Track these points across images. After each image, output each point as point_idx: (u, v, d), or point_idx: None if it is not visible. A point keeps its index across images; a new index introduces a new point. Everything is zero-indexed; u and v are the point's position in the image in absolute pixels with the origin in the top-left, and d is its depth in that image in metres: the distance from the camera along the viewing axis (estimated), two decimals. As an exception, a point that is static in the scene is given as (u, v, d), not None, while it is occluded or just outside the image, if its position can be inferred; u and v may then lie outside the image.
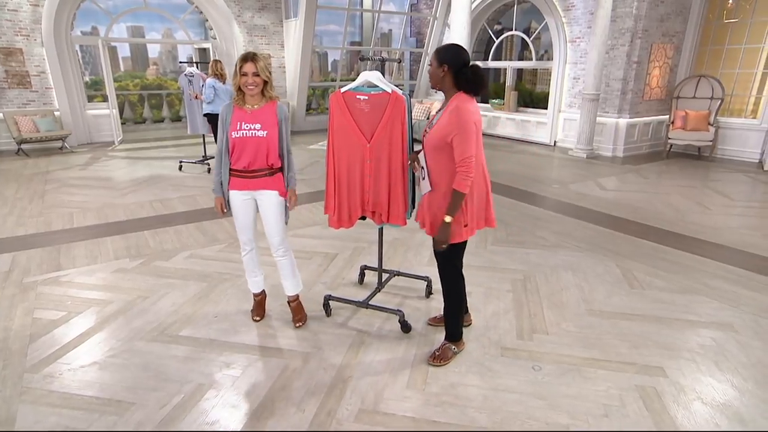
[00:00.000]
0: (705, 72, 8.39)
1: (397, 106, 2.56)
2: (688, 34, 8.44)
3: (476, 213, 2.39)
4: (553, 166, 7.96)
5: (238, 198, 2.68)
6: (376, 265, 3.69)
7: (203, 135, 7.23)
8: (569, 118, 9.10)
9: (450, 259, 2.48)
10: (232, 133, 2.53)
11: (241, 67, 2.44)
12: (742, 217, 5.20)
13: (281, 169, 2.70)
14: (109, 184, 6.41)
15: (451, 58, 2.23)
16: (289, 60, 10.77)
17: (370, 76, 2.57)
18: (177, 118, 11.59)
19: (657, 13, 7.85)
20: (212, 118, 6.41)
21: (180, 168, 7.17)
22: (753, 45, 8.06)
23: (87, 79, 13.21)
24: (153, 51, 14.63)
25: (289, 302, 3.00)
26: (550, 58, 9.83)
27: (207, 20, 10.33)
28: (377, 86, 2.60)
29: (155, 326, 2.94)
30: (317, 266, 3.83)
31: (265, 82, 2.52)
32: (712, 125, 8.04)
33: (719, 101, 8.05)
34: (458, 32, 6.29)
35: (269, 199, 2.70)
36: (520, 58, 11.40)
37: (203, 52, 10.90)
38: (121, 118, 10.17)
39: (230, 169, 2.63)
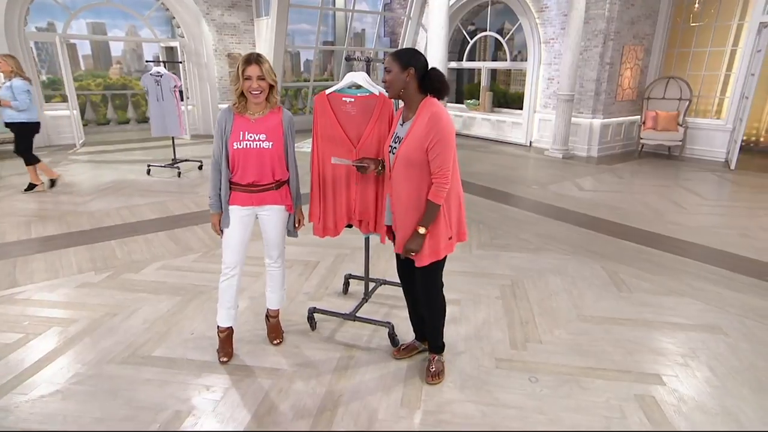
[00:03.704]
0: (673, 74, 8.60)
1: (385, 108, 2.44)
2: (656, 37, 8.63)
3: (457, 225, 2.27)
4: (530, 166, 7.99)
5: (238, 214, 2.42)
6: (360, 273, 3.56)
7: (173, 138, 6.91)
8: (544, 119, 9.17)
9: (437, 274, 2.34)
10: (234, 143, 2.29)
11: (244, 71, 2.20)
12: (716, 216, 5.30)
13: (287, 181, 2.49)
14: (70, 189, 6.03)
15: (416, 60, 2.07)
16: (261, 59, 10.46)
17: (356, 77, 2.43)
18: (143, 120, 11.09)
19: (628, 15, 7.98)
20: (28, 129, 5.58)
21: (148, 172, 6.82)
22: (717, 48, 8.31)
23: (44, 78, 12.52)
24: (116, 49, 13.96)
25: (269, 317, 2.82)
26: (523, 59, 9.89)
27: (174, 18, 9.94)
28: (363, 88, 2.46)
29: (125, 347, 2.71)
30: (298, 275, 3.65)
31: (271, 87, 2.29)
32: (681, 125, 8.24)
33: (687, 102, 8.26)
34: (436, 33, 6.21)
35: (275, 214, 2.50)
36: (494, 59, 11.46)
37: (170, 50, 10.48)
38: (82, 119, 9.66)
39: (231, 183, 2.38)
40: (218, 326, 2.61)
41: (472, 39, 10.75)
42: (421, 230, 2.11)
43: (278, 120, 2.38)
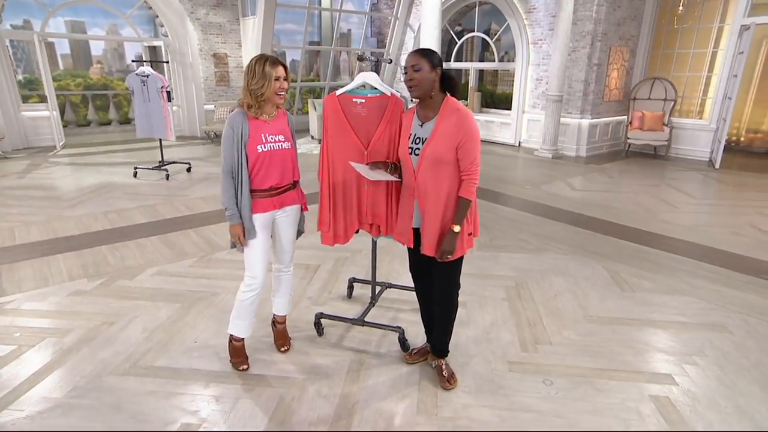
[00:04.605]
0: (658, 74, 8.75)
1: (396, 109, 2.38)
2: (642, 38, 8.77)
3: (473, 221, 2.27)
4: (521, 166, 8.04)
5: (261, 222, 2.34)
6: (361, 276, 3.52)
7: (160, 139, 6.72)
8: (533, 119, 9.24)
9: (457, 272, 2.33)
10: (258, 147, 2.22)
11: (274, 72, 2.15)
12: (706, 214, 5.40)
13: (299, 181, 2.48)
14: (54, 193, 5.83)
15: (439, 60, 2.10)
16: (248, 60, 10.30)
17: (368, 77, 2.37)
18: (125, 121, 10.85)
19: (615, 17, 8.10)
20: None
21: (135, 175, 6.64)
22: (700, 50, 8.49)
23: (20, 77, 12.11)
24: (97, 48, 13.56)
25: (276, 323, 2.74)
26: (510, 60, 9.96)
27: (157, 16, 9.72)
28: (375, 88, 2.41)
29: (126, 357, 2.60)
30: (300, 279, 3.57)
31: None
32: (666, 125, 8.39)
33: (672, 102, 8.42)
34: (429, 33, 6.19)
35: (293, 214, 2.46)
36: (481, 59, 11.51)
37: (153, 50, 10.23)
38: (61, 120, 9.37)
39: (253, 190, 2.29)
40: (234, 336, 2.52)
41: (459, 40, 10.77)
42: (456, 228, 2.10)
43: (286, 121, 2.35)
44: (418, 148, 2.11)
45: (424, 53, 2.05)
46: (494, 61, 10.32)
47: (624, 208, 5.52)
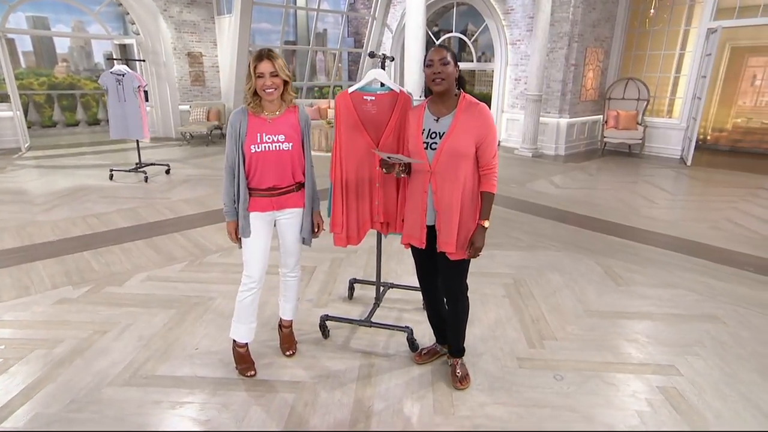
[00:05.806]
0: (631, 75, 9.03)
1: (406, 106, 2.36)
2: (615, 40, 9.03)
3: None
4: (503, 165, 8.11)
5: (259, 221, 2.26)
6: (359, 277, 3.48)
7: (137, 140, 6.47)
8: (512, 118, 9.38)
9: (465, 273, 2.32)
10: (251, 147, 2.13)
11: (255, 68, 2.05)
12: (684, 210, 5.59)
13: (305, 183, 2.37)
14: (24, 198, 5.53)
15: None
16: (223, 59, 10.08)
17: (377, 74, 2.34)
18: (94, 121, 10.44)
19: (590, 18, 8.31)
20: None
21: (111, 177, 6.38)
22: (670, 51, 8.81)
23: (-23, 76, 11.46)
24: (62, 46, 12.97)
25: (282, 327, 2.67)
26: (488, 60, 10.09)
27: (128, 13, 9.39)
28: (383, 85, 2.38)
29: (124, 366, 2.48)
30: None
31: (285, 83, 2.13)
32: (640, 124, 8.67)
33: (645, 102, 8.70)
34: (414, 33, 6.19)
35: (296, 218, 2.36)
36: (458, 60, 11.61)
37: (124, 48, 9.88)
38: (25, 121, 8.93)
39: (249, 189, 2.22)
40: (236, 342, 2.44)
41: (437, 40, 10.84)
42: (486, 224, 2.11)
43: (296, 119, 2.26)
44: (435, 143, 2.08)
45: (448, 48, 2.05)
46: (472, 61, 10.43)
47: (607, 205, 5.66)
